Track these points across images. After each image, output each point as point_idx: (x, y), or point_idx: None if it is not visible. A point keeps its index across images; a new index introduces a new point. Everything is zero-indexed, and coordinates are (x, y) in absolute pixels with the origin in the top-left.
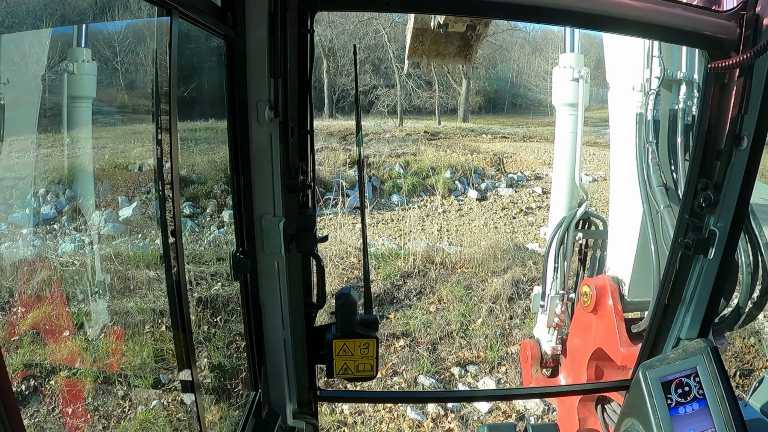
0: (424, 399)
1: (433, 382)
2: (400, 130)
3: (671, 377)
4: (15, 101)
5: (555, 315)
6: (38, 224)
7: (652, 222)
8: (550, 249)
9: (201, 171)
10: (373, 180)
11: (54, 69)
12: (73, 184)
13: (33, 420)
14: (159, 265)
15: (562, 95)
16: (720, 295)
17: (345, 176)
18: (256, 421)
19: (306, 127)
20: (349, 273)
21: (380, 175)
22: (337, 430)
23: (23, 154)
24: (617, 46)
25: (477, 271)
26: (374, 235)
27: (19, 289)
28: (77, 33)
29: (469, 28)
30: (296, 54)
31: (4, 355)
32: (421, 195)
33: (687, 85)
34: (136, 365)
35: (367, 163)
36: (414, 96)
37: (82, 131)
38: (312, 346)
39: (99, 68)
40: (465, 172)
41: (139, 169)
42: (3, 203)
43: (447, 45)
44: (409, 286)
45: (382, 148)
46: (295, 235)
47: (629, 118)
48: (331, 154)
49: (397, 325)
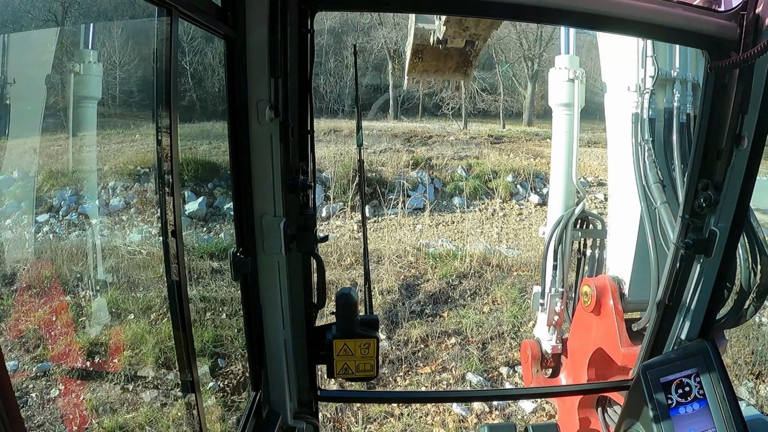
0: (423, 399)
1: (481, 379)
2: (464, 133)
3: (672, 377)
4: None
5: (555, 313)
6: (107, 215)
7: (650, 219)
8: (549, 247)
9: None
10: (435, 182)
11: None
12: (141, 178)
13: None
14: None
15: (558, 96)
16: (721, 295)
17: (407, 177)
18: (256, 421)
19: (306, 127)
20: (405, 271)
21: (442, 177)
22: (384, 419)
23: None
24: (612, 48)
25: (532, 275)
26: (434, 236)
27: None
28: (84, 34)
29: (468, 44)
30: (296, 54)
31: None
32: (482, 198)
33: (681, 84)
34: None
35: (429, 165)
36: (479, 99)
37: (88, 131)
38: (312, 346)
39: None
40: (527, 177)
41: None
42: (74, 195)
43: (446, 61)
44: (465, 287)
45: (445, 151)
46: (296, 235)
47: (625, 118)
48: (394, 156)
49: (450, 324)
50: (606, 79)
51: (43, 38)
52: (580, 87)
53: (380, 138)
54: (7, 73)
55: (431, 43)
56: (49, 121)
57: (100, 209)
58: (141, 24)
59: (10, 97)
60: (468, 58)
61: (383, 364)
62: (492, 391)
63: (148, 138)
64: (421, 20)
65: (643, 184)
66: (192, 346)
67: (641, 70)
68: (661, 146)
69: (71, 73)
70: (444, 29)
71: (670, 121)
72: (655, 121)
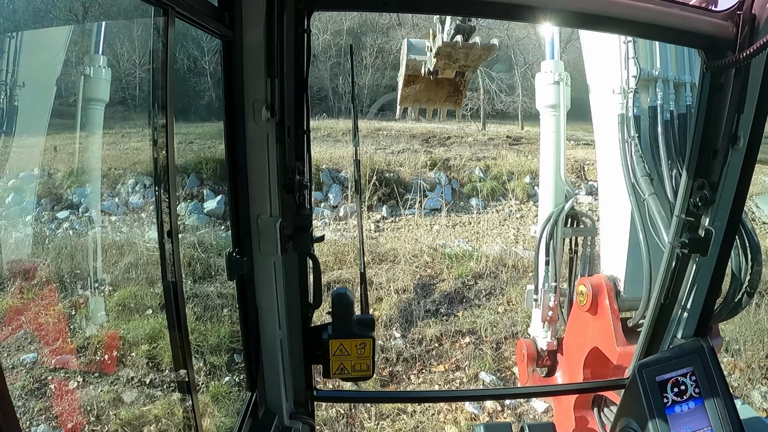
0: (420, 399)
1: (494, 379)
2: (482, 134)
3: (667, 376)
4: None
5: (548, 309)
6: (127, 213)
7: (639, 214)
8: (541, 243)
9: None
10: (453, 183)
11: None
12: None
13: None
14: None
15: (545, 98)
16: (716, 294)
17: (425, 178)
18: (252, 422)
19: (302, 127)
20: (421, 271)
21: (460, 178)
22: (396, 416)
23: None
24: (595, 51)
25: None
26: (450, 237)
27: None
28: (95, 39)
29: (458, 75)
30: (293, 54)
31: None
32: (500, 199)
33: (663, 82)
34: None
35: (447, 165)
36: (497, 100)
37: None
38: (309, 346)
39: None
40: None
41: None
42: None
43: (438, 90)
44: (480, 287)
45: (463, 152)
46: (292, 235)
47: (611, 118)
48: (412, 156)
49: (464, 323)
50: (590, 80)
51: (60, 42)
52: (566, 89)
53: (399, 138)
54: (27, 75)
55: (422, 74)
56: (59, 121)
57: (119, 207)
58: (138, 25)
59: (35, 96)
60: (458, 87)
61: (397, 361)
62: (490, 390)
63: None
64: (412, 52)
65: (631, 178)
66: (188, 346)
67: (624, 71)
68: (647, 142)
69: (82, 76)
70: (435, 61)
71: (655, 118)
72: (640, 118)
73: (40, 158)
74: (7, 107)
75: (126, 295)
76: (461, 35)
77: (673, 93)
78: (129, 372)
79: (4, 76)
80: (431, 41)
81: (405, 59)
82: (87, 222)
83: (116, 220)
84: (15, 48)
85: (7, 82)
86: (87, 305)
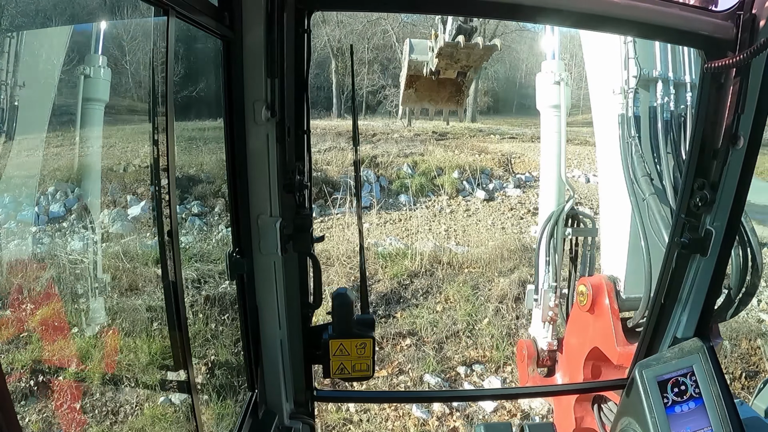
0: (419, 399)
1: (439, 380)
2: (408, 130)
3: (667, 376)
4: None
5: (549, 308)
6: (47, 222)
7: (639, 213)
8: (541, 243)
9: (208, 170)
10: (381, 180)
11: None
12: (81, 183)
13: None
14: (156, 264)
15: (546, 98)
16: (716, 295)
17: (352, 176)
18: (252, 422)
19: (303, 127)
20: (356, 272)
21: (388, 175)
22: (342, 427)
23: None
24: (595, 52)
25: (484, 271)
26: (382, 235)
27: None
28: (95, 39)
29: (460, 75)
30: (293, 54)
31: (8, 353)
32: (429, 195)
33: (663, 82)
34: (133, 365)
35: (375, 163)
36: None
37: (94, 132)
38: (309, 346)
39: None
40: (473, 173)
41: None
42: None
43: (439, 91)
44: (416, 286)
45: (390, 148)
46: (292, 235)
47: (612, 118)
48: (339, 154)
49: (404, 324)
50: (591, 81)
51: (60, 42)
52: (566, 89)
53: (325, 137)
54: (30, 74)
55: (424, 74)
56: (58, 120)
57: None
58: (138, 25)
59: (35, 96)
60: (460, 87)
61: None
62: (488, 390)
63: (147, 139)
64: (414, 52)
65: (631, 178)
66: (188, 346)
67: (624, 71)
68: (647, 142)
69: (81, 76)
70: (436, 61)
71: (655, 118)
72: (640, 118)
73: (40, 158)
74: (8, 107)
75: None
76: (463, 35)
77: (673, 93)
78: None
79: (4, 76)
80: (433, 41)
81: (407, 60)
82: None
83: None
84: (15, 48)
85: (7, 82)
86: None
